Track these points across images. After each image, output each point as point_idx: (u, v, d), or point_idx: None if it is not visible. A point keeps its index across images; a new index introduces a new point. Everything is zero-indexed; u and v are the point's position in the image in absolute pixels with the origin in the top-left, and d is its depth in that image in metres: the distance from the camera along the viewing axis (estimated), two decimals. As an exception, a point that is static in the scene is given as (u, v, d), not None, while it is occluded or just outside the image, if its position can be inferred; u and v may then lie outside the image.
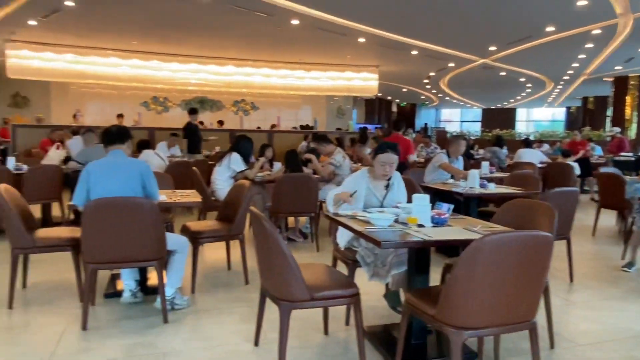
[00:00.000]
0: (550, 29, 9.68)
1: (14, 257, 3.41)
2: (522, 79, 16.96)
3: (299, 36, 10.81)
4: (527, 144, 9.38)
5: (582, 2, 7.89)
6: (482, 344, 2.81)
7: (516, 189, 5.01)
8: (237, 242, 4.04)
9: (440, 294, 2.19)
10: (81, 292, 3.45)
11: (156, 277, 3.19)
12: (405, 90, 21.63)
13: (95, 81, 13.60)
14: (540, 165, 8.22)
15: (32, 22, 9.66)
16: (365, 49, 12.09)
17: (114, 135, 3.38)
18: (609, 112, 19.63)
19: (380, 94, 21.94)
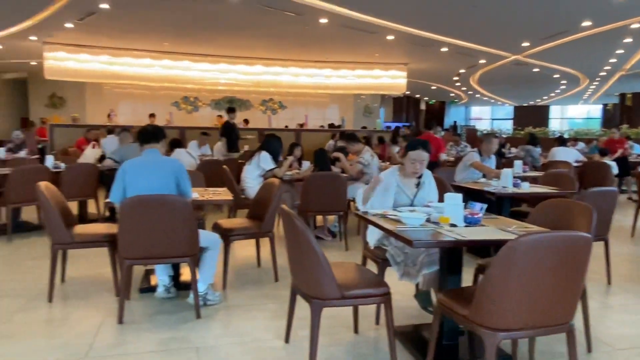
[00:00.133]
0: (586, 23, 9.36)
1: (54, 252, 3.52)
2: (556, 76, 16.46)
3: (328, 35, 10.80)
4: (561, 142, 9.00)
5: (620, -5, 7.62)
6: (516, 347, 2.76)
7: (551, 188, 4.87)
8: (267, 240, 4.09)
9: (473, 294, 2.16)
10: (117, 287, 3.55)
11: (189, 273, 3.25)
12: (434, 87, 21.34)
13: (128, 82, 13.91)
14: (576, 164, 7.98)
15: (68, 25, 9.95)
16: (394, 47, 11.97)
17: (150, 134, 3.47)
18: (649, 109, 18.95)
19: (408, 92, 21.71)
